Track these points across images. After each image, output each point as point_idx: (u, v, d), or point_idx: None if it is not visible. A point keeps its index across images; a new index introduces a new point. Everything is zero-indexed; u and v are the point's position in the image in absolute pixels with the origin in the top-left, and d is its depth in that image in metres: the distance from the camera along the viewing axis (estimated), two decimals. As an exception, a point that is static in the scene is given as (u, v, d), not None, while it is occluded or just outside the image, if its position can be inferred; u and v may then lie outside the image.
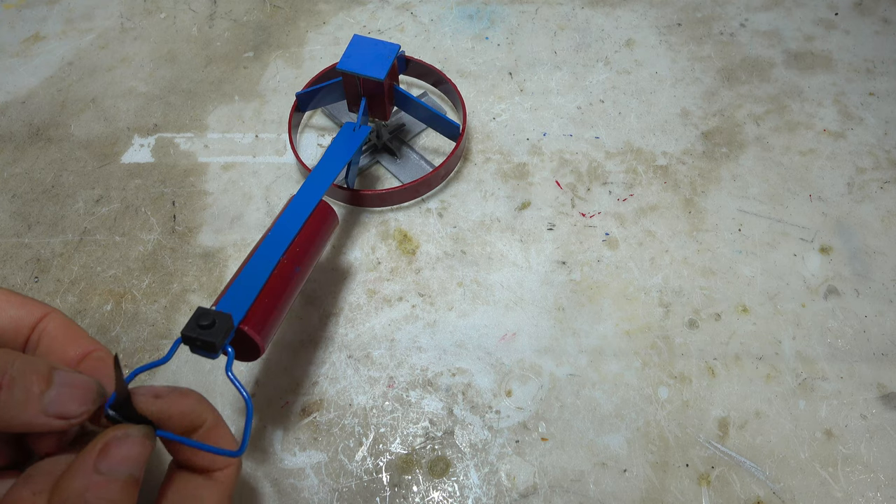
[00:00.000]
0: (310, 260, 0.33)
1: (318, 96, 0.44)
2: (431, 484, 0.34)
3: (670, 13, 0.54)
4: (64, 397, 0.24)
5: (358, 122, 0.40)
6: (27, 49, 0.54)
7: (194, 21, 0.56)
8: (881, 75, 0.50)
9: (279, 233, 0.32)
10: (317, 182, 0.36)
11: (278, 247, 0.31)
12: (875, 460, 0.34)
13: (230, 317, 0.27)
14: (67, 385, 0.24)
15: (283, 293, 0.31)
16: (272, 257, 0.31)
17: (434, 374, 0.37)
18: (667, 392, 0.36)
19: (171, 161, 0.47)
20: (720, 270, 0.41)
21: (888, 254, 0.41)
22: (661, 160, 0.45)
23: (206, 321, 0.26)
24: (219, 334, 0.26)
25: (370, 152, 0.46)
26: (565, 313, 0.39)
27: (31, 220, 0.44)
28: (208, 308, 0.27)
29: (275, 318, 0.30)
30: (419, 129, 0.47)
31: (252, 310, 0.29)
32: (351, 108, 0.43)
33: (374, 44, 0.40)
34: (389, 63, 0.39)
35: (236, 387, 0.26)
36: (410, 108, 0.43)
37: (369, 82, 0.39)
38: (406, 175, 0.44)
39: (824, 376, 0.37)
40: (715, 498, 0.33)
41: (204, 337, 0.26)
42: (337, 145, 0.39)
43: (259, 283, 0.30)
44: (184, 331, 0.26)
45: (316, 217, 0.34)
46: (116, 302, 0.40)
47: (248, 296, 0.29)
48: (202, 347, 0.26)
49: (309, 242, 0.33)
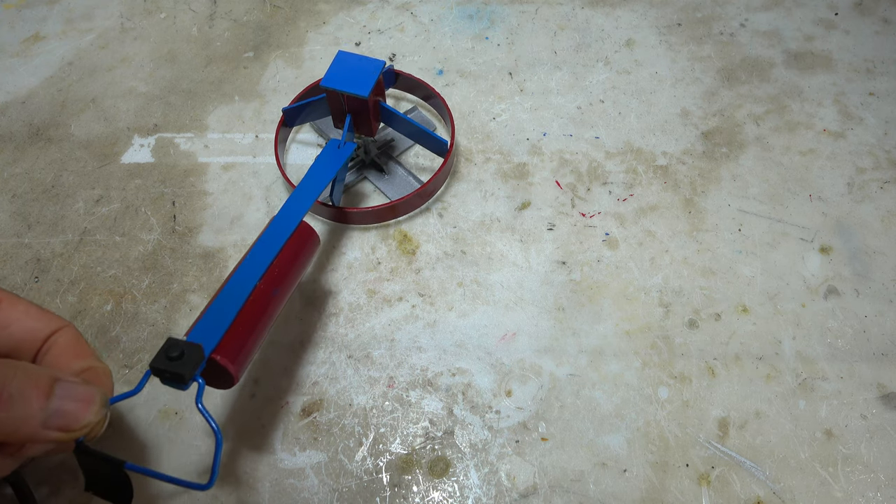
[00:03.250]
0: (289, 282, 0.32)
1: (306, 111, 0.44)
2: (431, 484, 0.34)
3: (670, 13, 0.54)
4: (65, 410, 0.23)
5: (343, 139, 0.39)
6: (27, 49, 0.54)
7: (194, 21, 0.56)
8: (881, 75, 0.50)
9: (257, 256, 0.32)
10: (299, 200, 0.35)
11: (255, 271, 0.31)
12: (875, 460, 0.34)
13: (200, 347, 0.26)
14: (69, 397, 0.24)
15: (259, 320, 0.30)
16: (248, 282, 0.30)
17: (434, 374, 0.37)
18: (667, 392, 0.36)
19: (171, 161, 0.47)
20: (720, 270, 0.41)
21: (888, 254, 0.41)
22: (661, 160, 0.45)
23: (175, 353, 0.26)
24: (188, 366, 0.26)
25: (357, 168, 0.45)
26: (565, 313, 0.39)
27: (31, 220, 0.44)
28: (178, 339, 0.27)
29: (250, 345, 0.29)
30: (408, 144, 0.47)
31: (225, 338, 0.28)
32: (336, 124, 0.42)
33: (359, 60, 0.39)
34: (374, 80, 0.38)
35: (206, 419, 0.26)
36: (397, 125, 0.43)
37: (353, 99, 0.39)
38: (393, 191, 0.44)
39: (824, 376, 0.37)
40: (715, 498, 0.33)
41: (172, 369, 0.25)
42: (321, 162, 0.38)
43: (233, 310, 0.29)
44: (152, 363, 0.26)
45: (296, 238, 0.33)
46: (116, 302, 0.40)
47: (221, 324, 0.28)
48: (171, 379, 0.26)
49: (288, 264, 0.32)
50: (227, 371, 0.28)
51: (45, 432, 0.23)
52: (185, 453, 0.35)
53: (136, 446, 0.35)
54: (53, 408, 0.23)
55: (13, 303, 0.28)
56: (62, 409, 0.23)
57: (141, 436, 0.35)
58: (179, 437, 0.35)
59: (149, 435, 0.35)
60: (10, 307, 0.28)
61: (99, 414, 0.24)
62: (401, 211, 0.43)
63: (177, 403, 0.36)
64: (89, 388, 0.24)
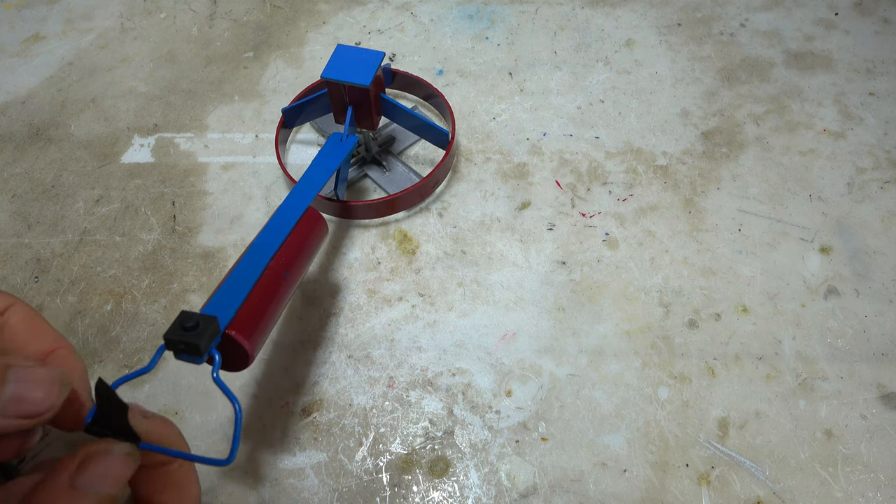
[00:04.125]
0: (299, 265, 0.32)
1: (305, 111, 0.44)
2: (431, 484, 0.34)
3: (670, 13, 0.54)
4: (22, 394, 0.22)
5: (345, 133, 0.40)
6: (27, 49, 0.54)
7: (194, 21, 0.56)
8: (881, 75, 0.50)
9: (267, 238, 0.31)
10: (303, 191, 0.35)
11: (266, 251, 0.30)
12: (875, 460, 0.34)
13: (216, 319, 0.25)
14: (25, 381, 0.22)
15: (272, 298, 0.29)
16: (260, 261, 0.30)
17: (434, 374, 0.37)
18: (667, 392, 0.36)
19: (171, 161, 0.47)
20: (720, 270, 0.41)
21: (888, 254, 0.41)
22: (661, 160, 0.45)
23: (190, 323, 0.25)
24: (203, 336, 0.24)
25: (358, 165, 0.45)
26: (565, 313, 0.39)
27: (31, 220, 0.44)
28: (192, 311, 0.26)
29: (264, 323, 0.29)
30: (409, 142, 0.47)
31: (239, 314, 0.27)
32: (337, 118, 0.42)
33: (359, 52, 0.39)
34: (374, 70, 0.38)
35: (224, 392, 0.25)
36: (398, 118, 0.43)
37: (355, 90, 0.39)
38: (394, 188, 0.44)
39: (824, 376, 0.37)
40: (715, 498, 0.33)
41: (188, 339, 0.24)
42: (324, 155, 0.38)
43: (247, 287, 0.28)
44: (166, 334, 0.25)
45: (304, 223, 0.33)
46: (116, 302, 0.40)
47: (235, 300, 0.28)
48: (186, 351, 0.25)
49: (298, 247, 0.32)
50: (241, 348, 0.27)
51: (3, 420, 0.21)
52: (185, 453, 0.35)
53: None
54: (9, 394, 0.21)
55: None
56: (19, 395, 0.21)
57: (141, 436, 0.35)
58: (179, 437, 0.35)
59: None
60: None
61: (61, 396, 0.22)
62: (403, 204, 0.43)
63: (177, 403, 0.37)
64: (48, 370, 0.23)
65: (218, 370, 0.26)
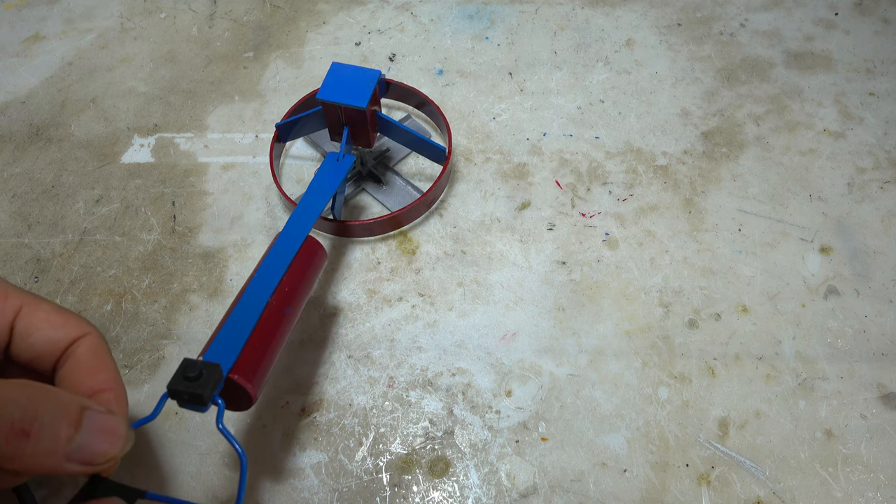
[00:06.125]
0: (300, 298, 0.32)
1: (299, 126, 0.43)
2: (431, 484, 0.34)
3: (670, 13, 0.54)
4: (92, 443, 0.22)
5: (341, 152, 0.39)
6: (27, 49, 0.54)
7: (194, 21, 0.56)
8: (881, 75, 0.50)
9: (267, 273, 0.31)
10: (303, 216, 0.34)
11: (266, 288, 0.30)
12: (875, 460, 0.34)
13: (219, 367, 0.26)
14: (96, 430, 0.22)
15: (274, 337, 0.29)
16: (260, 299, 0.30)
17: (434, 374, 0.37)
18: (667, 392, 0.36)
19: (171, 161, 0.47)
20: (720, 270, 0.41)
21: (888, 254, 0.41)
22: (661, 160, 0.45)
23: (193, 372, 0.25)
24: (207, 385, 0.25)
25: (355, 180, 0.44)
26: (565, 313, 0.39)
27: (31, 220, 0.44)
28: (195, 359, 0.26)
29: (266, 363, 0.29)
30: (404, 153, 0.46)
31: (242, 357, 0.27)
32: (333, 137, 0.42)
33: (354, 70, 0.39)
34: (371, 90, 0.38)
35: (229, 441, 0.25)
36: (394, 134, 0.42)
37: (351, 111, 0.38)
38: (392, 202, 0.43)
39: (824, 376, 0.37)
40: (715, 498, 0.33)
41: (192, 390, 0.24)
42: (321, 176, 0.38)
43: (248, 328, 0.28)
44: (170, 384, 0.25)
45: (304, 254, 0.33)
46: (116, 302, 0.40)
47: (236, 342, 0.28)
48: (190, 401, 0.25)
49: (298, 281, 0.32)
50: (244, 391, 0.27)
51: (67, 465, 0.22)
52: (186, 453, 0.35)
53: (136, 447, 0.35)
54: (80, 441, 0.22)
55: (34, 307, 0.27)
56: (88, 444, 0.22)
57: (141, 437, 0.35)
58: (180, 438, 0.35)
59: (149, 435, 0.35)
60: (32, 313, 0.26)
61: (124, 448, 0.23)
62: (403, 221, 0.42)
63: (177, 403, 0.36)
64: (116, 420, 0.23)
65: (222, 419, 0.26)
